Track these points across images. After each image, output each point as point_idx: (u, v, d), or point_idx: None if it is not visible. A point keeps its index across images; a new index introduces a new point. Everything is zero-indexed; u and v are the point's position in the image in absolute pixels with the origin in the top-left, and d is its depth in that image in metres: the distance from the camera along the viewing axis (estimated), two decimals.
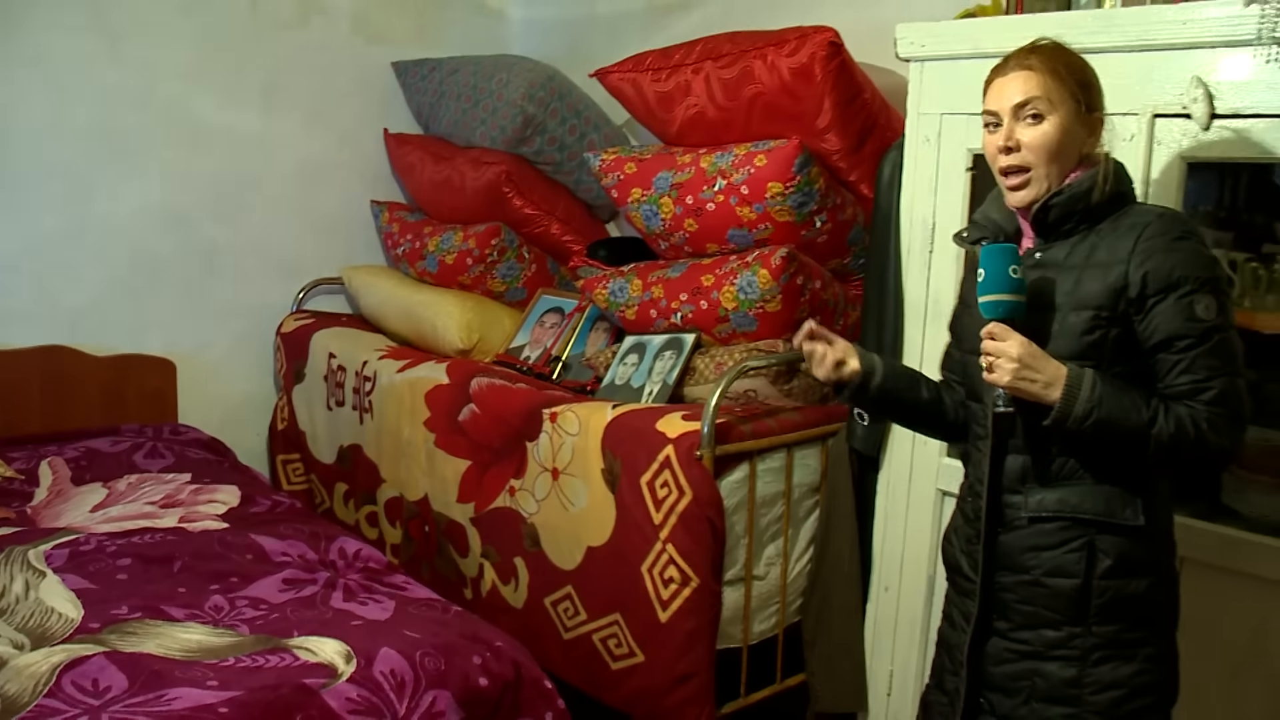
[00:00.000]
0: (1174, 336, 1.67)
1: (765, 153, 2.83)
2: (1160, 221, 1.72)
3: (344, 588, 2.54)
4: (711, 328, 2.96)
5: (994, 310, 1.72)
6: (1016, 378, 1.68)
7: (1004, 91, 1.78)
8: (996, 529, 1.81)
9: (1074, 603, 1.74)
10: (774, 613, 2.75)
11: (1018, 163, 1.76)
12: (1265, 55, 1.99)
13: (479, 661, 2.21)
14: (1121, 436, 1.67)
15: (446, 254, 3.65)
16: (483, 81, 3.64)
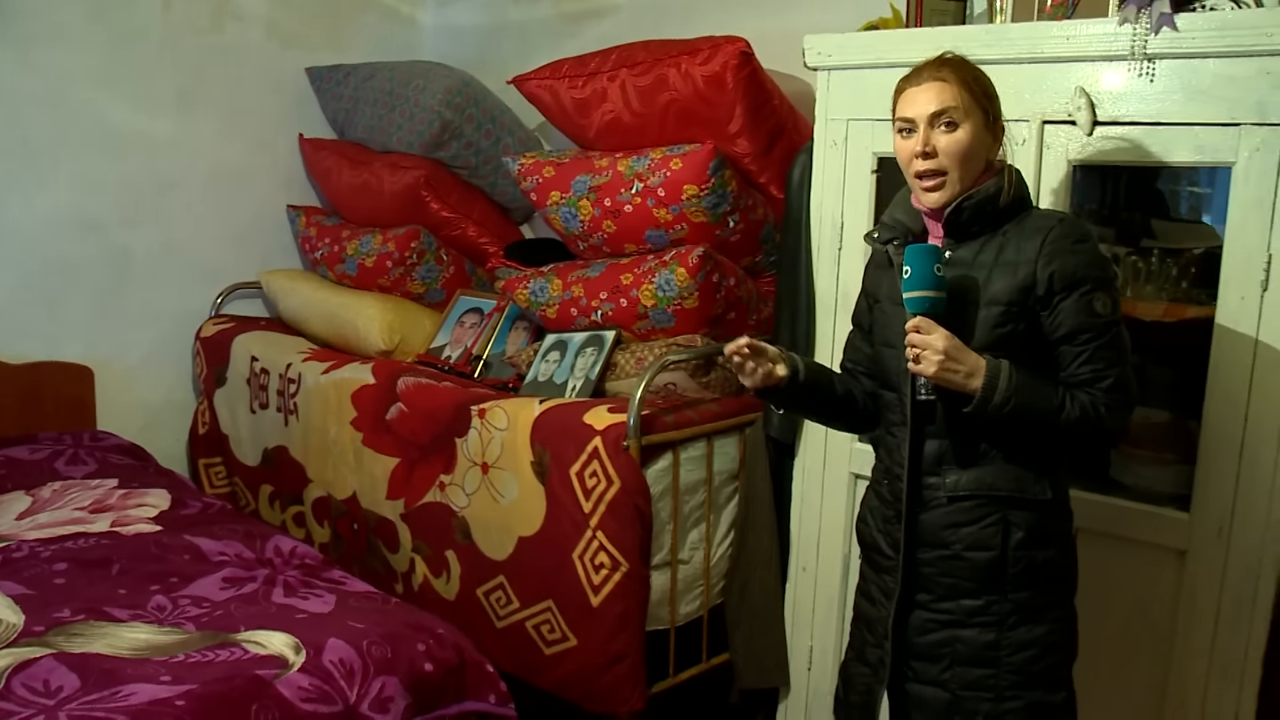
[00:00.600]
0: (1077, 330, 1.83)
1: (681, 156, 2.96)
2: (1062, 226, 1.87)
3: (284, 584, 2.60)
4: (631, 324, 3.08)
5: (919, 305, 1.83)
6: (942, 369, 1.79)
7: (919, 100, 1.89)
8: (917, 509, 1.94)
9: (991, 573, 1.88)
10: (699, 595, 2.88)
11: (934, 167, 1.88)
12: (1138, 69, 2.18)
13: (423, 648, 2.31)
14: (1034, 420, 1.82)
15: (366, 257, 3.71)
16: (399, 87, 3.70)
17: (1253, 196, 2.08)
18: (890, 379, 2.01)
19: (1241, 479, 2.12)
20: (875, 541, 2.04)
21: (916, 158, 1.89)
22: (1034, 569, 1.89)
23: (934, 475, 1.93)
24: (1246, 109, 2.08)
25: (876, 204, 2.60)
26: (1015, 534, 1.89)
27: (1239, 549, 2.14)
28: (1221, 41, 2.08)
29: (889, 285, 2.00)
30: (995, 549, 1.88)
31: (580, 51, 3.44)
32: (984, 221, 1.91)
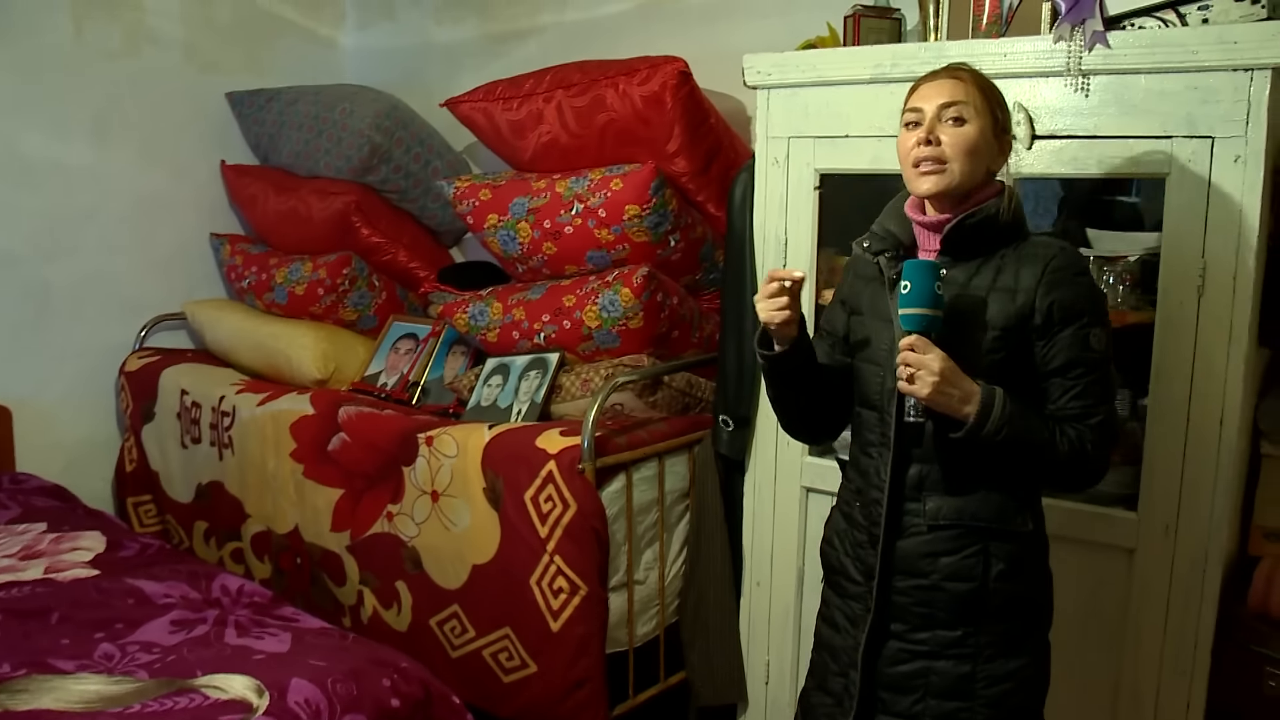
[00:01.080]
0: (1071, 364, 1.79)
1: (621, 177, 2.96)
2: (1064, 255, 1.83)
3: (235, 624, 2.54)
4: (575, 346, 3.07)
5: (916, 323, 1.75)
6: (936, 391, 1.72)
7: (931, 92, 1.85)
8: (894, 535, 1.87)
9: (970, 605, 1.83)
10: (654, 615, 2.88)
11: (934, 154, 1.81)
12: (1073, 85, 2.25)
13: (388, 684, 2.27)
14: (1024, 451, 1.78)
15: (296, 285, 3.64)
16: (325, 111, 3.65)
17: (1187, 205, 2.15)
18: (870, 396, 1.94)
19: (1185, 478, 2.18)
20: (843, 566, 1.98)
21: (918, 145, 1.83)
22: (1013, 601, 1.86)
23: (914, 501, 1.87)
24: (1177, 122, 2.15)
25: (820, 220, 2.64)
26: (995, 565, 1.84)
27: (1185, 545, 2.20)
28: (1151, 58, 2.16)
29: (874, 298, 1.95)
30: (975, 580, 1.83)
31: (507, 73, 3.44)
32: (983, 242, 1.86)
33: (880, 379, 1.90)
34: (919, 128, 1.84)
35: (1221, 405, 2.14)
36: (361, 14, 4.38)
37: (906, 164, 1.87)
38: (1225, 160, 2.11)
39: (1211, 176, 2.12)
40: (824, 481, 2.68)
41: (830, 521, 2.08)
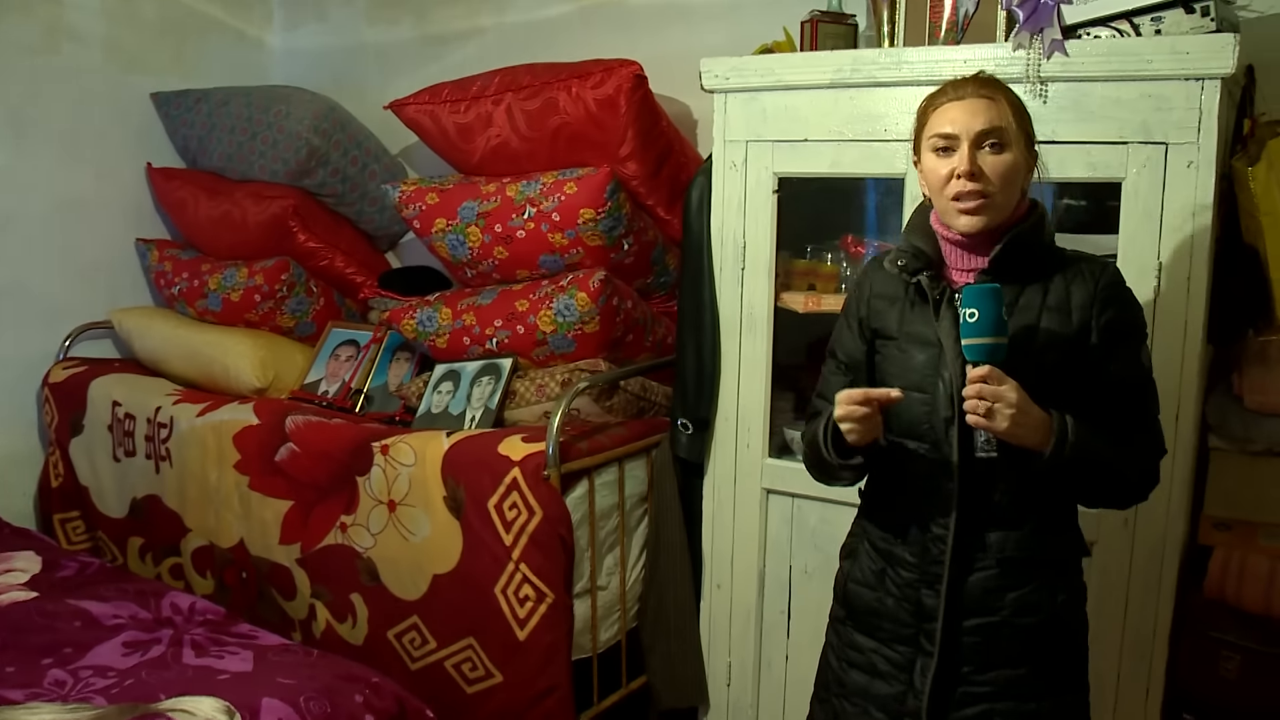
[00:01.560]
0: (1125, 381, 1.77)
1: (575, 180, 2.95)
2: (1112, 272, 1.81)
3: (192, 643, 2.47)
4: (529, 351, 3.05)
5: (985, 354, 1.66)
6: (1015, 424, 1.65)
7: (964, 117, 1.74)
8: (963, 573, 1.77)
9: (1035, 639, 1.77)
10: (616, 620, 2.88)
11: (980, 188, 1.72)
12: (1032, 91, 2.31)
13: (361, 700, 2.23)
14: (1093, 475, 1.74)
15: (231, 291, 3.55)
16: (259, 113, 3.56)
17: (1142, 209, 2.22)
18: (915, 427, 1.81)
19: None
20: (887, 608, 1.85)
21: (958, 178, 1.73)
22: (1072, 631, 1.83)
23: (979, 535, 1.77)
24: (1133, 129, 2.22)
25: (779, 223, 2.66)
26: (1060, 595, 1.79)
27: (1144, 537, 2.28)
28: (1108, 67, 2.23)
29: (908, 320, 1.85)
30: (1043, 613, 1.77)
31: (444, 76, 3.41)
32: (1027, 260, 1.78)
33: (928, 409, 1.79)
34: (952, 155, 1.75)
35: (1177, 401, 2.21)
36: (290, 13, 4.28)
37: (941, 194, 1.78)
38: (1179, 166, 2.18)
39: (1166, 181, 2.19)
40: (784, 483, 2.70)
41: (855, 559, 1.96)
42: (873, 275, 1.95)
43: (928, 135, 1.80)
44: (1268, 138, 2.39)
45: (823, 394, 1.99)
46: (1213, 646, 2.26)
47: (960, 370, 1.72)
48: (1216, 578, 2.30)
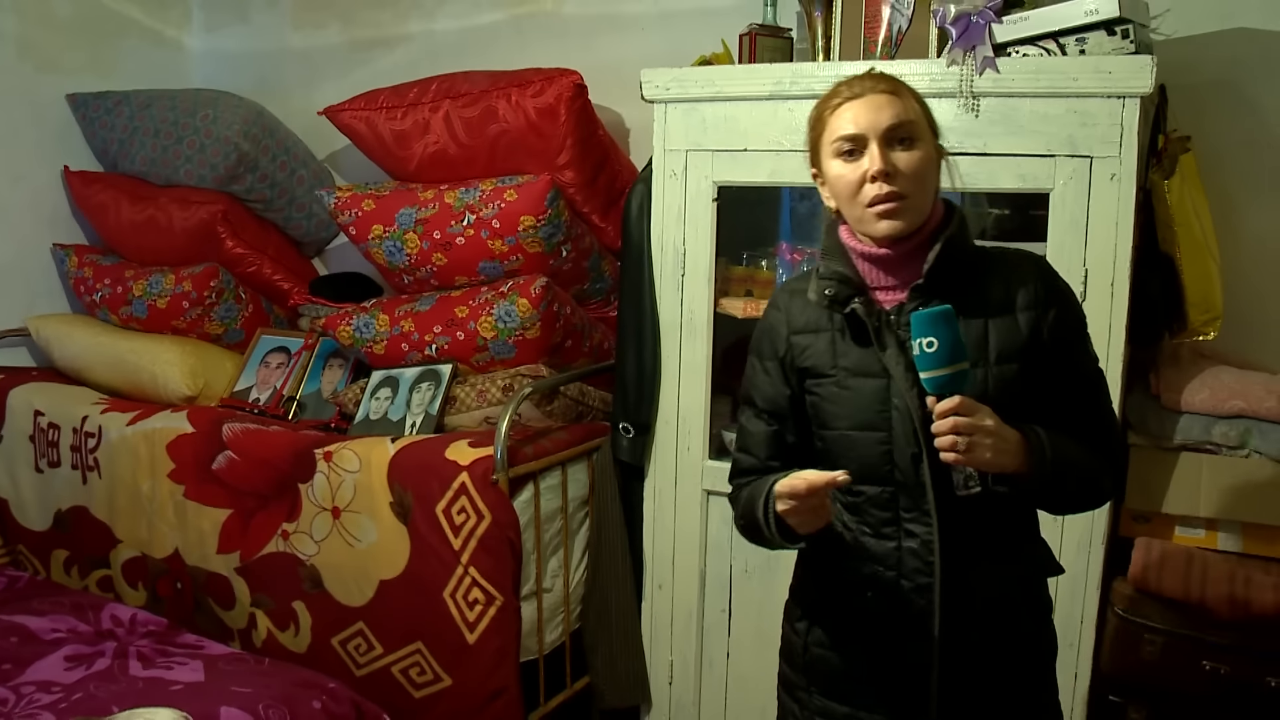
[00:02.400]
0: (1081, 378, 1.68)
1: (515, 188, 2.98)
2: (1047, 266, 1.71)
3: (138, 655, 2.45)
4: (469, 357, 3.06)
5: (951, 385, 1.52)
6: (997, 453, 1.52)
7: (867, 114, 1.61)
8: (949, 619, 1.63)
9: (1026, 663, 1.71)
10: (561, 621, 2.91)
11: (897, 189, 1.59)
12: (964, 105, 2.42)
13: (319, 705, 2.24)
14: (1069, 487, 1.64)
15: (157, 298, 3.48)
16: (184, 117, 3.51)
17: (1069, 219, 2.35)
18: (874, 470, 1.65)
19: None
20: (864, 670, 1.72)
21: (870, 180, 1.59)
22: (1052, 644, 1.80)
23: (965, 576, 1.63)
24: (1060, 142, 2.34)
25: (718, 231, 2.72)
26: (1045, 613, 1.75)
27: (1072, 530, 2.39)
28: (1036, 84, 2.35)
29: (847, 353, 1.68)
30: (1030, 637, 1.71)
31: (372, 82, 3.41)
32: (959, 266, 1.64)
33: (886, 447, 1.63)
34: (860, 157, 1.61)
35: None
36: (210, 15, 4.22)
37: (854, 202, 1.63)
38: (1103, 178, 2.31)
39: (1090, 193, 2.32)
40: (724, 484, 2.70)
41: (813, 619, 1.79)
42: (788, 308, 1.76)
43: (829, 140, 1.65)
44: (1179, 153, 2.54)
45: (746, 447, 1.83)
46: (1136, 631, 2.38)
47: (918, 400, 1.58)
48: (1139, 567, 2.42)
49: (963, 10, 2.47)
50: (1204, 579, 2.36)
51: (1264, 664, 2.26)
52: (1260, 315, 2.75)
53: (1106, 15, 2.32)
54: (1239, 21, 2.70)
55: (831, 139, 1.65)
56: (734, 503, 1.85)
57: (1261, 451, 2.49)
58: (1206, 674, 2.30)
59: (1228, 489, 2.49)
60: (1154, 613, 2.38)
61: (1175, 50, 2.71)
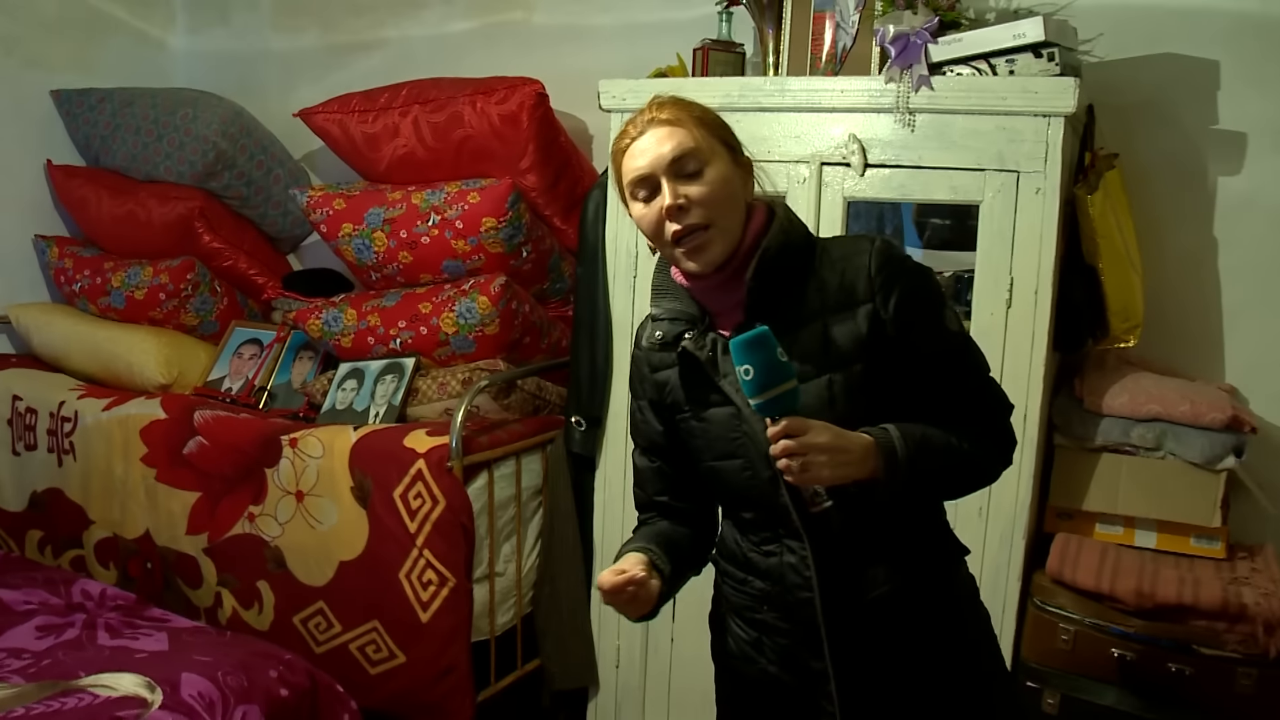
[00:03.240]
0: (937, 355, 1.62)
1: (478, 191, 3.11)
2: (879, 247, 1.62)
3: (105, 626, 2.57)
4: (431, 351, 3.20)
5: (776, 407, 1.48)
6: (835, 466, 1.48)
7: (647, 153, 1.58)
8: (838, 627, 1.63)
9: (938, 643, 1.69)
10: (513, 605, 3.04)
11: (695, 221, 1.56)
12: (901, 120, 2.56)
13: (276, 675, 2.36)
14: (940, 476, 1.61)
15: (135, 289, 3.60)
16: (165, 115, 3.63)
17: (996, 230, 2.49)
18: (744, 495, 1.67)
19: None
20: (772, 678, 1.73)
21: (670, 217, 1.57)
22: (971, 628, 1.76)
23: (848, 582, 1.63)
24: (989, 157, 2.48)
25: None
26: (949, 605, 1.71)
27: (995, 525, 2.53)
28: (968, 101, 2.49)
29: (694, 387, 1.67)
30: (940, 623, 1.68)
31: (348, 85, 3.55)
32: (787, 271, 1.61)
33: (748, 472, 1.64)
34: (656, 197, 1.58)
35: (1025, 403, 2.46)
36: (193, 17, 4.34)
37: (661, 242, 1.61)
38: (1029, 192, 2.45)
39: (1017, 205, 2.46)
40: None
41: (726, 631, 1.81)
42: (646, 352, 1.76)
43: (626, 184, 1.63)
44: (1105, 169, 2.68)
45: (637, 483, 1.86)
46: (1051, 621, 2.52)
47: (762, 424, 1.54)
48: (1056, 560, 2.56)
49: (901, 30, 2.62)
50: (1115, 572, 2.50)
51: (1167, 651, 2.40)
52: (1183, 325, 2.89)
53: (1033, 39, 2.47)
54: (1166, 47, 2.84)
55: (626, 184, 1.64)
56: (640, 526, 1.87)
57: (1176, 454, 2.64)
58: (1115, 660, 2.44)
59: (1145, 489, 2.64)
60: (1069, 603, 2.51)
61: (1107, 72, 2.86)
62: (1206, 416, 2.60)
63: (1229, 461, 2.60)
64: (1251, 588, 2.45)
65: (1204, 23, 2.80)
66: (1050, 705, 2.52)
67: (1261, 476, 2.76)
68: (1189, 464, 2.62)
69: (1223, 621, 2.38)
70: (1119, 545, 2.65)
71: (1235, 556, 2.64)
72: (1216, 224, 2.85)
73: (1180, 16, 2.82)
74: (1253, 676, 2.33)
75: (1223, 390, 2.75)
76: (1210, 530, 2.61)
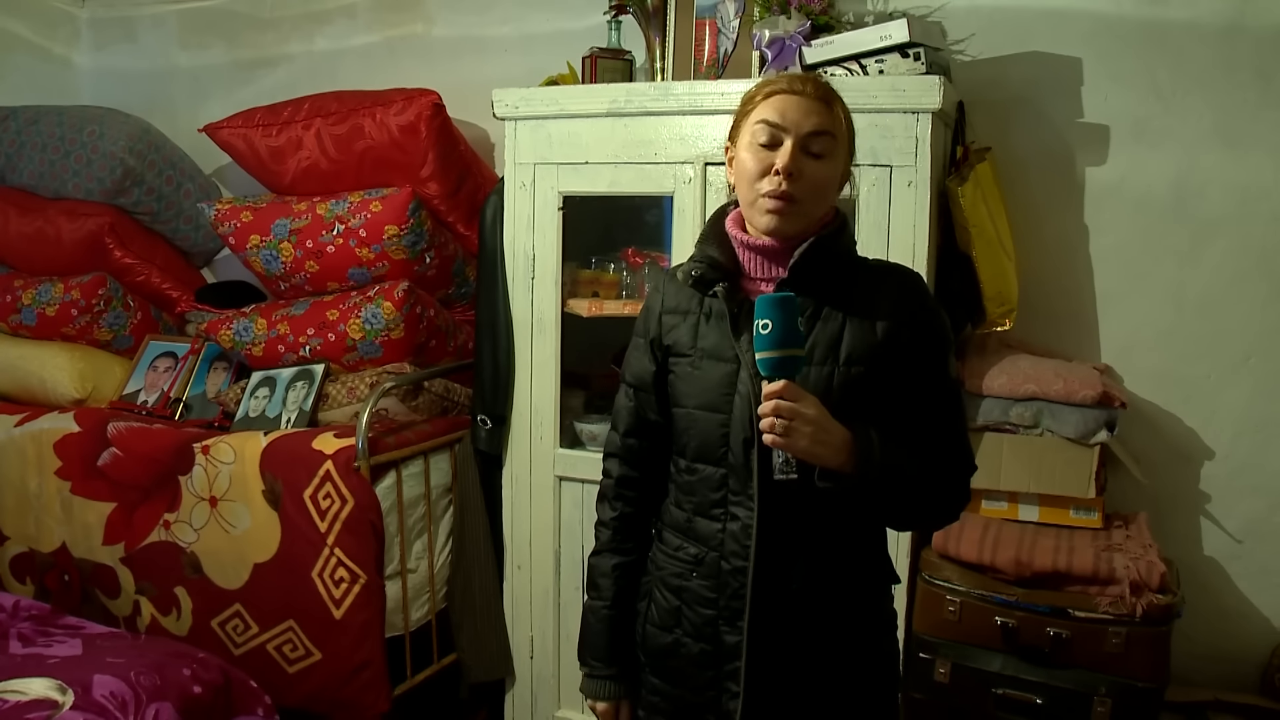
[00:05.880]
0: (933, 393, 1.69)
1: (380, 200, 3.19)
2: (914, 280, 1.75)
3: (18, 635, 2.61)
4: (340, 357, 3.27)
5: (780, 368, 1.56)
6: (814, 442, 1.55)
7: (797, 112, 1.65)
8: (763, 603, 1.68)
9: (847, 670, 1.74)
10: (426, 600, 3.12)
11: (793, 191, 1.63)
12: None
13: (189, 672, 2.42)
14: (898, 492, 1.65)
15: (46, 306, 3.63)
16: (71, 133, 3.66)
17: (873, 221, 2.61)
18: (711, 451, 1.72)
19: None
20: (685, 649, 1.77)
21: (773, 173, 1.63)
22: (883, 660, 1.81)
23: (782, 564, 1.68)
24: (863, 153, 2.51)
25: (564, 238, 2.95)
26: (868, 626, 1.77)
27: None
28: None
29: (702, 335, 1.75)
30: (852, 645, 1.74)
31: (256, 100, 3.61)
32: (829, 268, 1.69)
33: (724, 430, 1.70)
34: (775, 150, 1.65)
35: None
36: (99, 34, 4.37)
37: (751, 187, 1.67)
38: (901, 185, 2.58)
39: (891, 198, 2.58)
40: (574, 470, 3.00)
41: (650, 597, 1.85)
42: (665, 289, 1.84)
43: (752, 121, 1.69)
44: (977, 162, 2.83)
45: (613, 424, 1.92)
46: (939, 594, 2.65)
47: (757, 388, 1.61)
48: (941, 536, 2.69)
49: (777, 35, 2.75)
50: (996, 544, 2.63)
51: (1045, 616, 2.53)
52: (1059, 307, 3.05)
53: (899, 40, 2.61)
54: (1033, 45, 2.99)
55: (755, 120, 1.68)
56: (604, 476, 1.94)
57: (1053, 430, 2.78)
58: (998, 628, 2.57)
59: (1024, 465, 2.77)
60: (954, 576, 2.64)
61: (979, 70, 3.01)
62: (1079, 394, 2.74)
63: (1101, 435, 2.74)
64: (1123, 553, 2.60)
65: (1068, 23, 2.96)
66: (942, 674, 2.64)
67: (1135, 449, 2.93)
68: (1065, 439, 2.76)
69: (1095, 585, 2.52)
70: (1003, 519, 2.78)
71: (1111, 526, 2.79)
72: (1086, 211, 3.01)
73: (1046, 17, 2.98)
74: (1122, 635, 2.47)
75: (1096, 369, 2.90)
76: (1087, 502, 2.75)
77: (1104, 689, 2.49)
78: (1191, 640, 2.81)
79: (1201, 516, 2.97)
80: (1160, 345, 2.97)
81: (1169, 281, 2.95)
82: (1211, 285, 2.92)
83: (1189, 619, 2.59)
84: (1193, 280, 2.93)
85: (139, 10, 4.27)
